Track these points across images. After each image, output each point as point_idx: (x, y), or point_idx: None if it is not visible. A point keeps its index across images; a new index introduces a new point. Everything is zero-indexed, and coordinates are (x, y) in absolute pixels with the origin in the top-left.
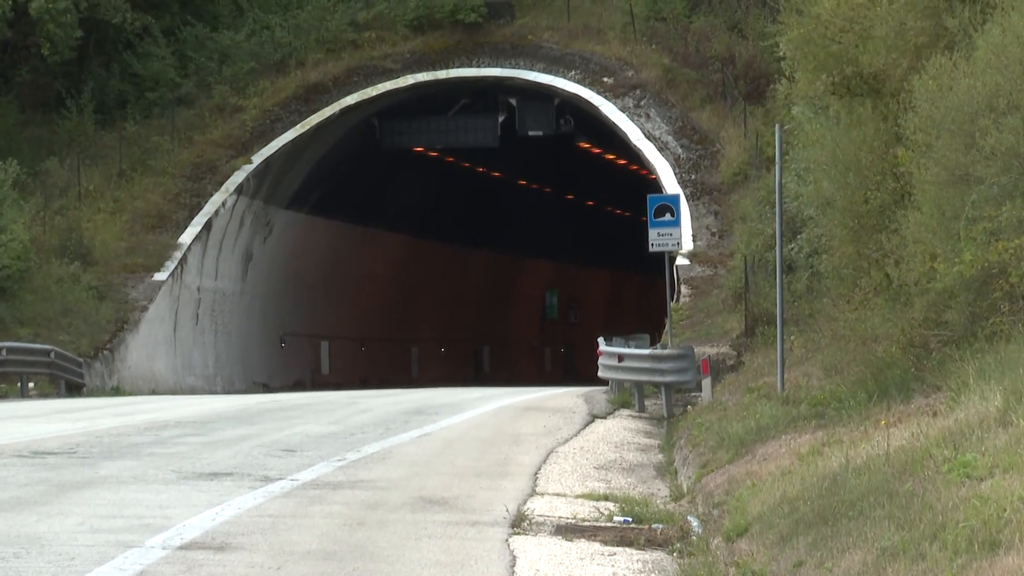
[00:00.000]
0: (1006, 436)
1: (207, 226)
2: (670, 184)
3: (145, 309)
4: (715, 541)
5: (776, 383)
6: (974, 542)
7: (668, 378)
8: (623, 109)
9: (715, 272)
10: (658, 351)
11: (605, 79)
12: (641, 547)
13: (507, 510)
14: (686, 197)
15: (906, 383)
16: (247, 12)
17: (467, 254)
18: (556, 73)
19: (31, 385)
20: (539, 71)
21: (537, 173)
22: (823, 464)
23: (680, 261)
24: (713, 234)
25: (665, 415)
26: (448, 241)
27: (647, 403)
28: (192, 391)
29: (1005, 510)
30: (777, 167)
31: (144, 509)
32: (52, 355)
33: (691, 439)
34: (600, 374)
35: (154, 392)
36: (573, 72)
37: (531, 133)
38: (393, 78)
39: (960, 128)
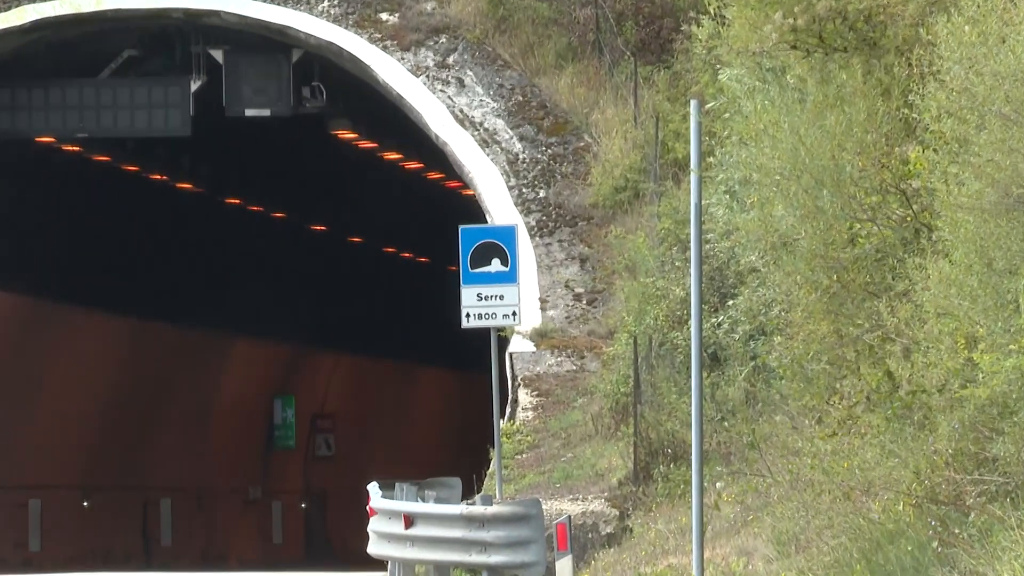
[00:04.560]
0: None
1: None
2: (500, 206)
3: None
4: None
5: (691, 565)
6: None
7: (495, 557)
8: (417, 70)
9: (581, 366)
10: (477, 509)
11: (385, 16)
12: None
13: None
14: (530, 229)
15: (924, 567)
16: None
17: (129, 331)
18: (296, 3)
19: None
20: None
21: (262, 185)
22: None
23: (518, 345)
24: (578, 297)
25: None
26: (93, 306)
27: None
28: None
29: None
30: (694, 179)
31: None
32: None
33: None
34: (371, 549)
35: None
36: (327, 2)
37: (250, 112)
38: (1, 11)
39: (1021, 112)
